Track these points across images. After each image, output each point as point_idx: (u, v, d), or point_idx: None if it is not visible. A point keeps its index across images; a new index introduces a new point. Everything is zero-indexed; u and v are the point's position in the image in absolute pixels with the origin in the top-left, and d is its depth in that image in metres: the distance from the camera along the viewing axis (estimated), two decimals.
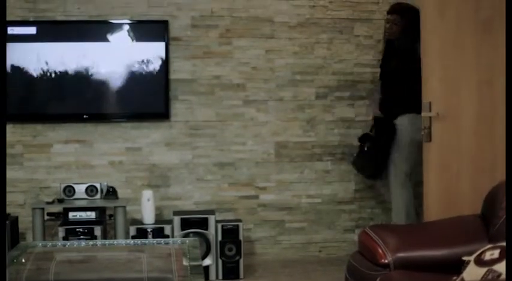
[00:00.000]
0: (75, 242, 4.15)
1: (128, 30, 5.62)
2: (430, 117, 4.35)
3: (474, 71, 4.20)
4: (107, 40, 5.60)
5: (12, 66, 5.51)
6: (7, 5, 5.53)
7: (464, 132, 4.29)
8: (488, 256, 2.99)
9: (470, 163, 4.29)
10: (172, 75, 5.69)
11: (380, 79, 5.55)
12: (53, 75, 5.55)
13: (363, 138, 5.55)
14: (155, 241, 4.46)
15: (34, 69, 5.53)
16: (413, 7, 5.18)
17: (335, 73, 5.84)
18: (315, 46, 5.83)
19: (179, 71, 5.72)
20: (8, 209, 5.53)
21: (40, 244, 4.02)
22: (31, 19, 5.60)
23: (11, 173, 5.62)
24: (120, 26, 5.63)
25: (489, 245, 3.13)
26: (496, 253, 2.97)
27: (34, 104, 5.62)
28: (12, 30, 5.48)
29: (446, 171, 4.45)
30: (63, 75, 5.56)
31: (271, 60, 5.80)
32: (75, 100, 5.62)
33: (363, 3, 5.83)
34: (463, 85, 4.24)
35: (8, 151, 5.60)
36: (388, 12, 5.41)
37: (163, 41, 5.63)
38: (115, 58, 5.59)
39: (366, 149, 5.48)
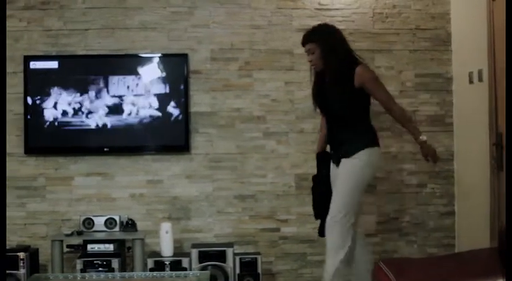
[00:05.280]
0: (87, 275, 4.16)
1: (148, 64, 5.67)
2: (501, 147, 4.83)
3: None
4: (127, 73, 5.65)
5: (34, 99, 5.59)
6: (30, 40, 5.67)
7: None
8: None
9: None
10: (193, 108, 5.72)
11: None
12: (75, 108, 5.62)
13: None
14: (170, 273, 4.45)
15: (56, 103, 5.61)
16: (326, 25, 4.85)
17: None
18: None
19: (199, 103, 5.74)
20: (30, 241, 5.62)
21: (51, 277, 4.03)
22: (53, 53, 5.70)
23: (33, 206, 5.70)
24: (140, 59, 5.68)
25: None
26: None
27: (56, 137, 5.67)
28: (34, 64, 5.58)
29: None
30: (84, 108, 5.62)
31: (291, 92, 5.79)
32: (96, 133, 5.66)
33: (383, 34, 5.81)
34: None
35: (31, 183, 5.70)
36: (302, 44, 4.77)
37: (183, 74, 5.67)
38: (135, 91, 5.64)
39: None
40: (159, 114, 5.65)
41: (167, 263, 5.25)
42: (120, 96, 5.65)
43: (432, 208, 5.85)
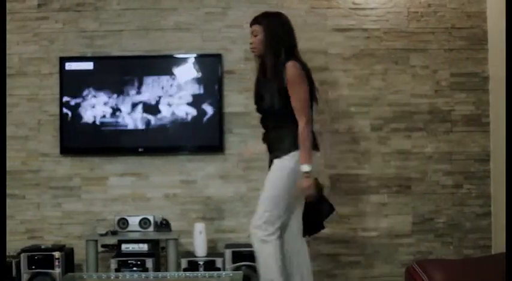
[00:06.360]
0: (120, 274, 4.17)
1: (182, 64, 5.69)
2: None
3: None
4: (161, 74, 5.67)
5: (70, 100, 5.65)
6: (65, 41, 5.73)
7: None
8: None
9: None
10: (226, 109, 5.72)
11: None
12: (110, 109, 5.66)
13: None
14: (203, 273, 4.46)
15: (91, 104, 5.66)
16: (279, 13, 4.58)
17: (390, 104, 5.76)
18: (370, 77, 5.77)
19: (233, 104, 5.75)
20: (66, 241, 5.68)
21: (85, 276, 4.07)
22: (88, 55, 5.75)
23: (69, 206, 5.75)
24: (174, 60, 5.70)
25: None
26: None
27: (91, 137, 5.73)
28: (70, 65, 5.64)
29: None
30: (119, 108, 5.66)
31: (325, 92, 5.75)
32: (130, 134, 5.70)
33: (418, 33, 5.76)
34: None
35: (66, 183, 5.75)
36: (250, 24, 4.55)
37: (218, 74, 5.68)
38: (170, 91, 5.66)
39: None
40: (193, 114, 5.66)
41: (201, 263, 5.26)
42: (154, 97, 5.67)
43: (468, 208, 5.78)
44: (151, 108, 5.67)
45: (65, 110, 5.66)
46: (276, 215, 4.38)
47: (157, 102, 5.67)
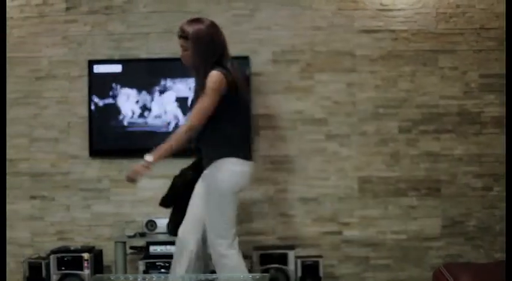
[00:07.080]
0: (147, 276, 4.19)
1: None
2: None
3: None
4: (189, 76, 5.65)
5: (98, 103, 5.68)
6: (94, 44, 5.78)
7: None
8: None
9: None
10: (254, 111, 5.71)
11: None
12: (138, 111, 5.69)
13: None
14: (229, 275, 4.45)
15: (119, 106, 5.69)
16: (206, 23, 4.36)
17: (419, 106, 5.72)
18: (398, 79, 5.74)
19: (260, 106, 5.74)
20: (95, 242, 5.71)
21: (113, 278, 4.09)
22: (116, 57, 5.78)
23: (98, 207, 5.79)
24: None
25: None
26: None
27: (120, 140, 5.76)
28: (98, 68, 5.68)
29: None
30: (147, 110, 5.69)
31: (353, 94, 5.74)
32: (159, 136, 5.71)
33: (446, 34, 5.71)
34: None
35: (96, 185, 5.80)
36: (178, 36, 4.38)
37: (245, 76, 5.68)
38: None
39: None
40: None
41: None
42: (183, 99, 5.69)
43: (498, 211, 5.71)
44: (180, 110, 5.68)
45: (94, 113, 5.70)
46: (224, 228, 4.32)
47: (185, 104, 5.68)
